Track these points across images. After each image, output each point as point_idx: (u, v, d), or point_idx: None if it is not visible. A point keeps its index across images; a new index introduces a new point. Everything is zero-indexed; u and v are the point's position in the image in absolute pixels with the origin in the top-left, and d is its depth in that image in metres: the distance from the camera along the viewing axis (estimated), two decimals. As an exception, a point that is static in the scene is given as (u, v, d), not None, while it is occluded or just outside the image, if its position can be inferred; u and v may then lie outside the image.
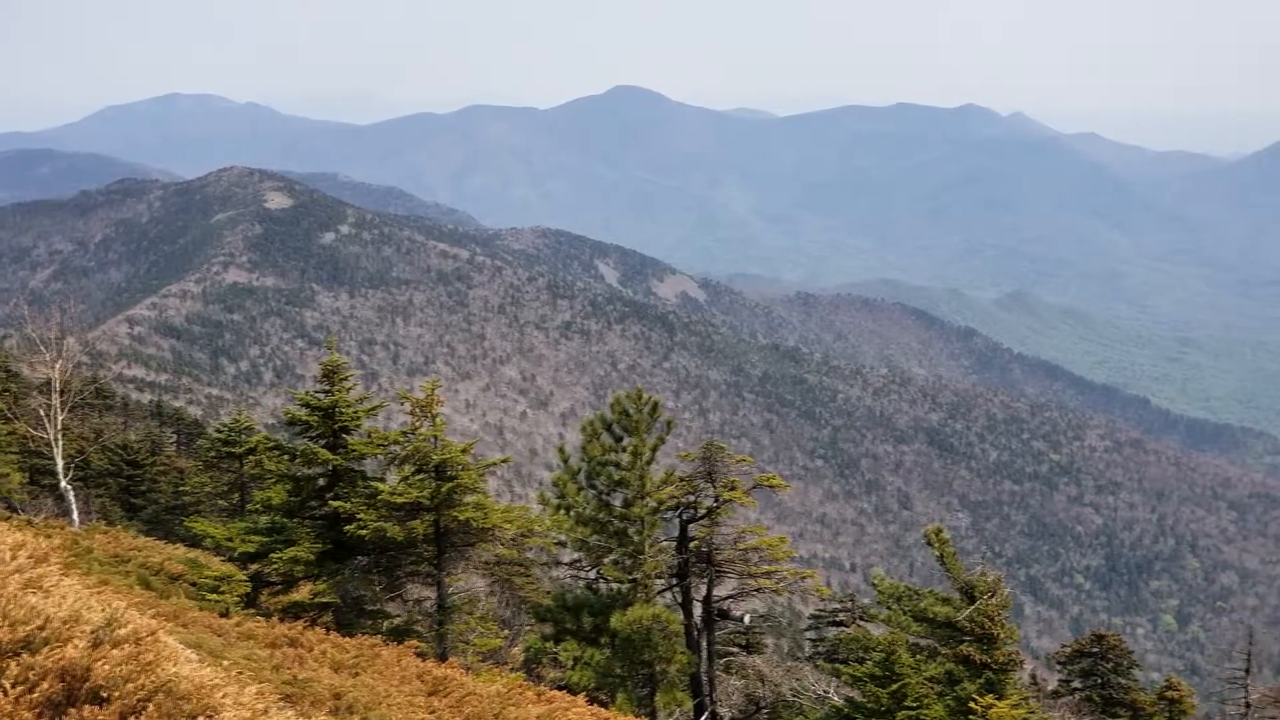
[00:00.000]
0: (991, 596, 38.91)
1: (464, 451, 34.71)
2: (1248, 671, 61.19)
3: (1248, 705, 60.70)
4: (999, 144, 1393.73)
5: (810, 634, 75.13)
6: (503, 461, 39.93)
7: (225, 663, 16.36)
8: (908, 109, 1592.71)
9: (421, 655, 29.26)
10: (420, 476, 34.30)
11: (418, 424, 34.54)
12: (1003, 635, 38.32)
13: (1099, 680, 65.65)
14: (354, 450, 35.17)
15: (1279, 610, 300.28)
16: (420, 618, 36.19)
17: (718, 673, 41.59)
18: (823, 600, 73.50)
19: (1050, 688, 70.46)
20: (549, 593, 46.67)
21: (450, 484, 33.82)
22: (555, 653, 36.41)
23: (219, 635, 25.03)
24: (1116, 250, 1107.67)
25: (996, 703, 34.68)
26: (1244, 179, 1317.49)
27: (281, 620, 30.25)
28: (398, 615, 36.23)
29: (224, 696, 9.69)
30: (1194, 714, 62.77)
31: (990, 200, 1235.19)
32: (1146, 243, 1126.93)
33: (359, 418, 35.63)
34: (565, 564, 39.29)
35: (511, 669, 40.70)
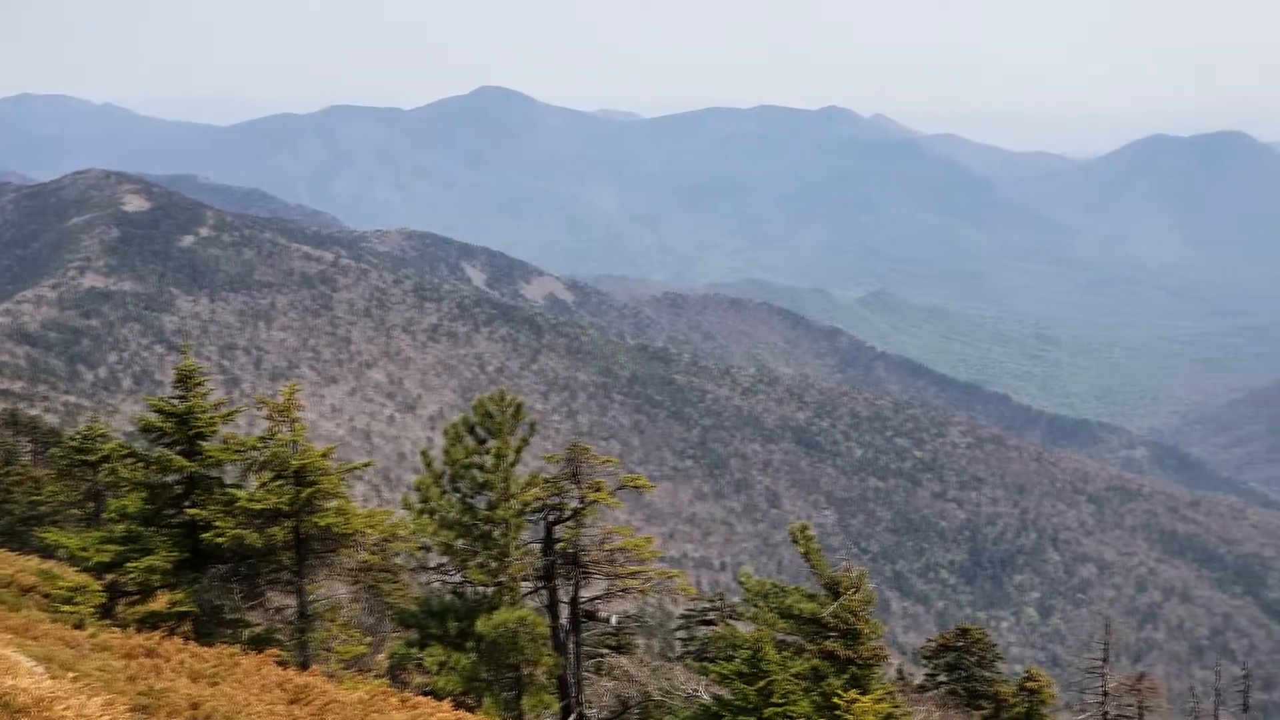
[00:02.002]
0: (855, 592, 39.40)
1: (325, 456, 34.25)
2: (1105, 661, 62.66)
3: (1105, 694, 62.16)
4: (861, 145, 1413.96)
5: (680, 633, 75.41)
6: (365, 465, 39.51)
7: (73, 675, 15.97)
8: (771, 110, 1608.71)
9: (282, 664, 28.83)
10: (279, 482, 33.75)
11: (276, 429, 34.01)
12: (867, 630, 38.81)
13: (964, 674, 66.84)
14: (211, 456, 34.49)
15: (1135, 601, 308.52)
16: (281, 626, 35.60)
17: (587, 674, 41.56)
18: (692, 599, 73.81)
19: (916, 682, 71.55)
20: (416, 598, 46.25)
21: (310, 489, 33.36)
22: (421, 658, 36.10)
23: (72, 647, 24.43)
24: (977, 249, 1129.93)
25: (860, 698, 35.09)
26: (1099, 179, 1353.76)
27: (139, 631, 29.61)
28: (258, 624, 35.61)
29: (66, 709, 9.42)
30: (1054, 703, 64.18)
31: (854, 200, 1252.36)
32: (1006, 242, 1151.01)
33: (215, 423, 34.94)
34: (431, 569, 38.95)
35: (376, 676, 40.25)
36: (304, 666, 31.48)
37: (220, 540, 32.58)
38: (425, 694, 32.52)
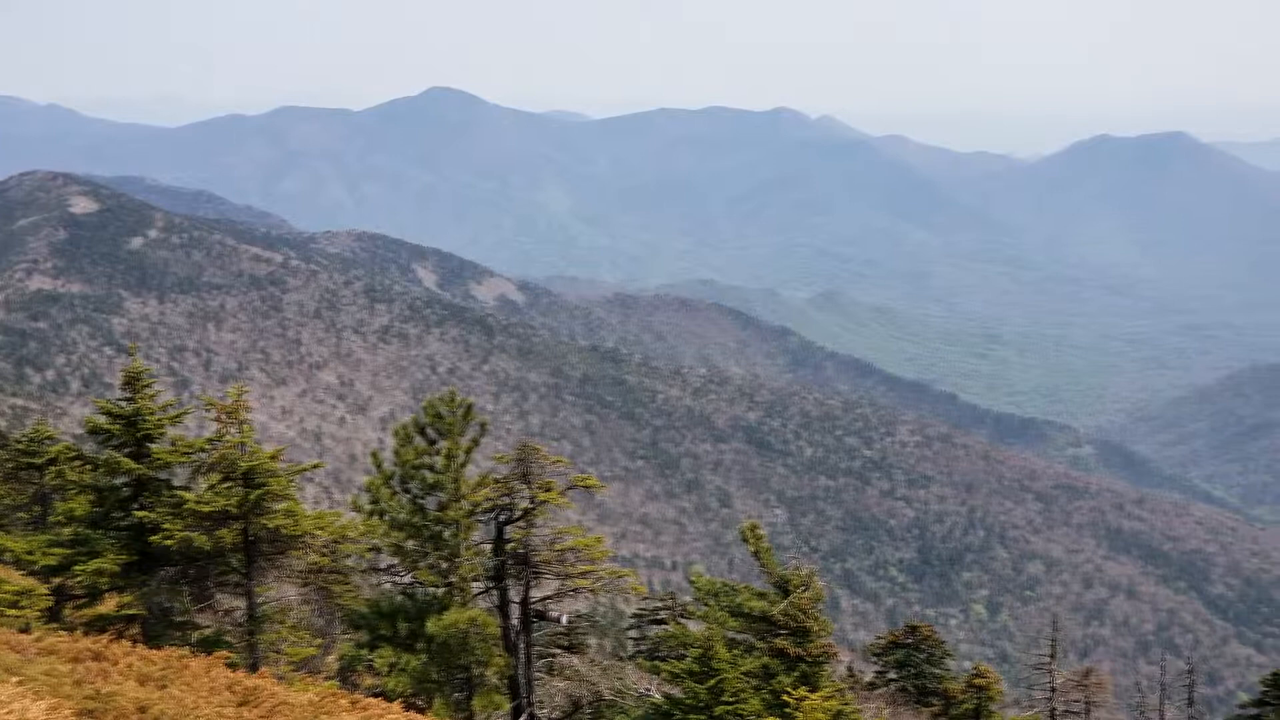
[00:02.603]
0: (805, 590, 39.69)
1: (273, 458, 34.18)
2: (1053, 657, 63.30)
3: (1053, 689, 62.78)
4: (810, 146, 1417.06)
5: (632, 633, 75.43)
6: (314, 466, 39.39)
7: (17, 680, 15.86)
8: (720, 112, 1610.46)
9: (232, 666, 28.74)
10: (228, 484, 33.67)
11: (225, 431, 33.90)
12: (816, 628, 39.11)
13: (913, 670, 67.33)
14: (159, 459, 34.36)
15: (1082, 597, 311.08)
16: (231, 628, 35.50)
17: (538, 674, 41.57)
18: (643, 599, 73.94)
19: (866, 679, 71.94)
20: (366, 600, 46.15)
21: (259, 491, 33.29)
22: (371, 660, 36.04)
23: (17, 652, 24.27)
24: (925, 250, 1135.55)
25: (810, 695, 35.37)
26: (1044, 179, 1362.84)
27: (86, 634, 29.44)
28: (207, 626, 35.50)
29: (9, 714, 9.40)
30: (1002, 699, 64.76)
31: (803, 201, 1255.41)
32: (953, 242, 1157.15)
33: (164, 425, 34.78)
34: (382, 570, 38.89)
35: (326, 677, 40.16)
36: (254, 669, 31.39)
37: (169, 543, 32.48)
38: (376, 695, 32.50)
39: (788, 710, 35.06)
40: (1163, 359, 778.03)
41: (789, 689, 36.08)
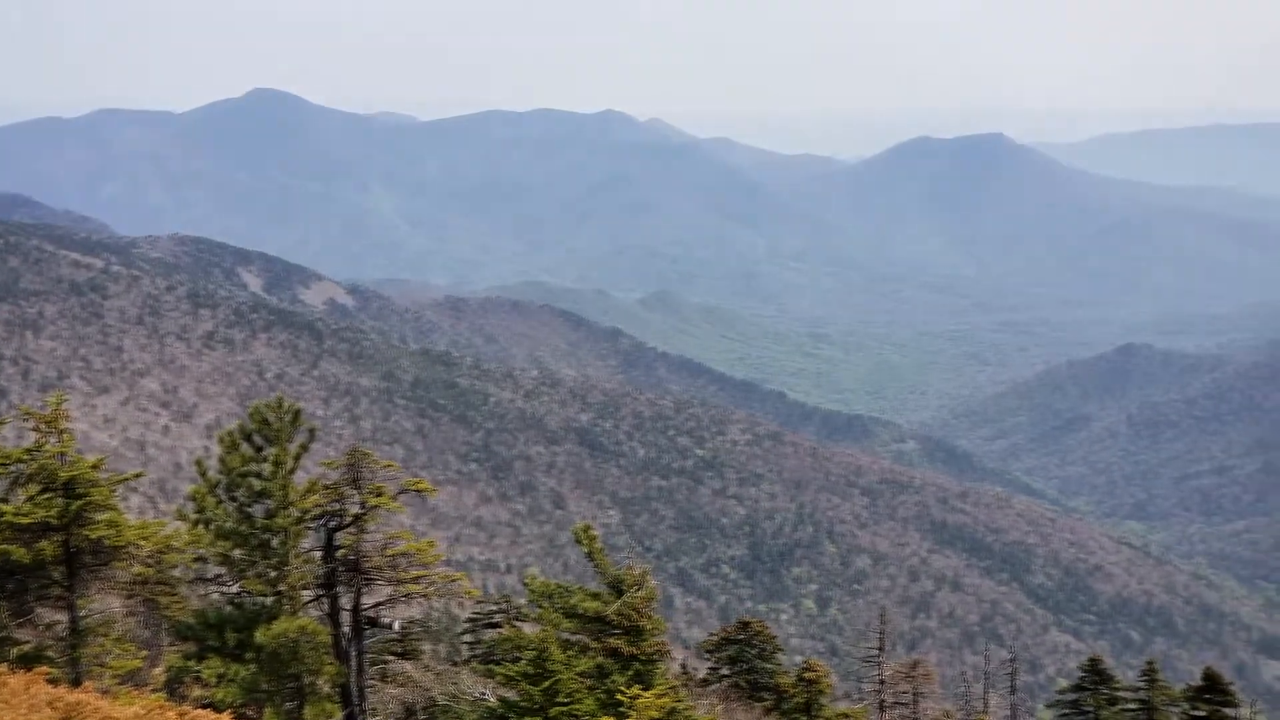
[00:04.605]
0: (639, 590, 40.11)
1: (95, 467, 33.44)
2: (881, 649, 64.87)
3: (881, 681, 64.32)
4: (638, 149, 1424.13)
5: (467, 637, 75.32)
6: (137, 476, 38.58)
7: None
8: (549, 114, 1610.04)
9: (53, 681, 28.09)
10: (47, 495, 32.85)
11: (44, 440, 33.08)
12: (650, 627, 39.54)
13: (745, 666, 68.28)
14: (-27, 471, 33.38)
15: (909, 590, 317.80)
16: (52, 642, 34.62)
17: (371, 682, 41.30)
18: (478, 603, 73.83)
19: (700, 676, 72.78)
20: (194, 610, 45.35)
21: (80, 502, 32.54)
22: (199, 671, 35.46)
23: None
24: (753, 250, 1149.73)
25: (643, 693, 35.74)
26: (866, 181, 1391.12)
27: (-103, 655, 28.52)
28: (27, 641, 34.56)
29: None
30: (832, 692, 66.05)
31: (632, 203, 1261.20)
32: (780, 243, 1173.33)
33: (-23, 437, 33.82)
34: (209, 580, 38.27)
35: (152, 690, 39.39)
36: (76, 683, 30.72)
37: (-16, 557, 31.57)
38: (204, 707, 31.99)
39: (622, 709, 35.39)
40: (982, 355, 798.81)
41: (623, 688, 36.42)
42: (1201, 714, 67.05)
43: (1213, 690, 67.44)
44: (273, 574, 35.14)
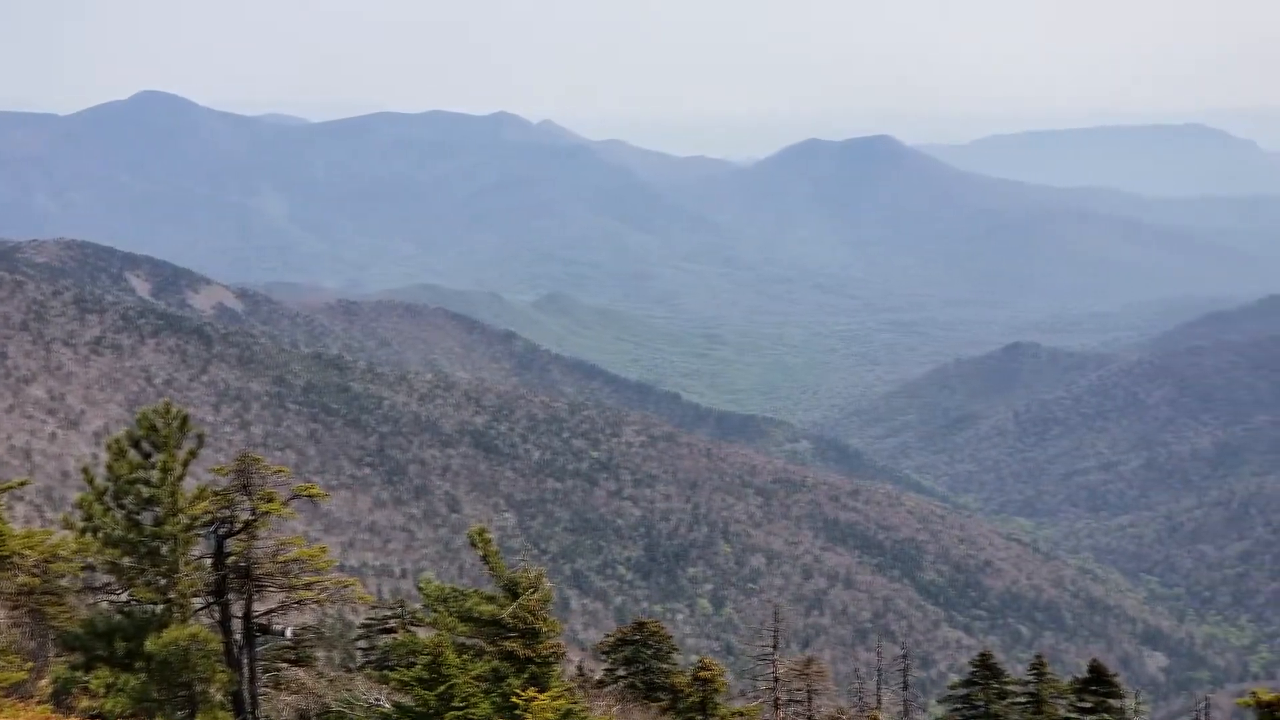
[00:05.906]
0: (534, 592, 40.19)
1: (-23, 477, 32.84)
2: (775, 648, 65.35)
3: (776, 679, 64.83)
4: (531, 150, 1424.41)
5: (361, 643, 74.78)
6: (21, 484, 37.96)
7: None
8: (441, 115, 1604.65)
9: (-65, 696, 27.59)
10: (-72, 506, 32.21)
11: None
12: (545, 629, 39.66)
13: (641, 667, 68.53)
14: None
15: (803, 588, 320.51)
16: (-67, 656, 33.94)
17: (264, 689, 40.97)
18: (372, 608, 73.43)
19: (596, 677, 72.97)
20: (82, 620, 44.63)
21: (-37, 512, 31.93)
22: (87, 681, 34.93)
23: None
24: (645, 252, 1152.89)
25: (539, 696, 35.89)
26: (756, 183, 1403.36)
27: None
28: (-93, 656, 33.85)
29: None
30: (727, 691, 66.47)
31: (525, 205, 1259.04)
32: (673, 244, 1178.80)
33: None
34: (97, 588, 37.73)
35: (39, 702, 38.68)
36: (-41, 698, 30.12)
37: None
38: (93, 718, 31.60)
39: (517, 712, 35.48)
40: (873, 355, 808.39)
41: (519, 691, 36.52)
42: (1088, 705, 68.58)
43: (1098, 682, 69.04)
44: (162, 581, 34.71)
